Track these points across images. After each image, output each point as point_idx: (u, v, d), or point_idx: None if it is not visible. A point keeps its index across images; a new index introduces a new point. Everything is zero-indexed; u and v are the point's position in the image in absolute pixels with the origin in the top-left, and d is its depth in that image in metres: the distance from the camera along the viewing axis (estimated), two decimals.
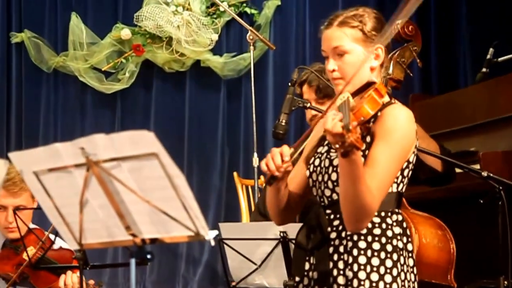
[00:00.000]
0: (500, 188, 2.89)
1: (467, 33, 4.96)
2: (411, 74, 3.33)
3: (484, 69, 4.08)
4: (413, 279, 2.22)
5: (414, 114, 4.26)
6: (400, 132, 2.15)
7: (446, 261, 3.02)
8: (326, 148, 2.26)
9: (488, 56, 4.09)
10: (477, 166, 3.46)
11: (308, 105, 3.00)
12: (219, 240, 2.85)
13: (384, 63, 2.27)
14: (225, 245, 2.86)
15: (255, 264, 2.84)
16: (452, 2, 5.09)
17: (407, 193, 2.35)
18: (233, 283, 2.94)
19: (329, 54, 2.24)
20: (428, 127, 4.20)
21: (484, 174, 2.90)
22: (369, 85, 2.20)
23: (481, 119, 3.96)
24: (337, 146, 1.95)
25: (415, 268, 2.23)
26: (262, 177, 2.02)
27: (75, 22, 5.25)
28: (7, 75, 5.28)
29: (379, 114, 2.17)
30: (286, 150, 2.13)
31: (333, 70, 2.23)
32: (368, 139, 2.17)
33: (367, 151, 2.15)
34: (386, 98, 2.22)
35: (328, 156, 2.22)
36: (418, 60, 3.34)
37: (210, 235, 1.87)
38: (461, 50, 5.01)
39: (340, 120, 1.94)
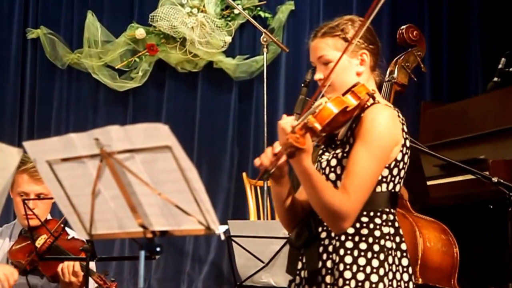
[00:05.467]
0: (510, 194, 2.89)
1: (479, 42, 4.97)
2: (415, 79, 3.35)
3: (495, 79, 4.09)
4: (406, 279, 2.22)
5: (425, 121, 4.29)
6: (378, 131, 2.16)
7: (449, 265, 3.02)
8: (320, 152, 2.31)
9: (500, 66, 4.09)
10: (486, 174, 3.47)
11: None
12: (228, 237, 2.86)
13: (374, 67, 2.31)
14: (233, 242, 2.87)
15: (263, 262, 2.85)
16: (465, 11, 5.09)
17: None
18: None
19: (316, 64, 2.30)
20: (439, 134, 4.22)
21: (495, 180, 2.90)
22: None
23: (491, 128, 3.96)
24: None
25: (410, 268, 2.24)
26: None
27: (91, 20, 5.30)
28: (22, 70, 5.34)
29: (362, 115, 2.20)
30: (277, 144, 2.15)
31: (320, 79, 2.28)
32: (351, 140, 2.20)
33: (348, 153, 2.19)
34: (370, 101, 2.23)
35: (319, 159, 2.28)
36: (422, 65, 3.37)
37: (220, 229, 1.89)
38: (473, 58, 5.02)
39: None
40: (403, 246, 2.24)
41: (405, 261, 2.23)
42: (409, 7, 5.21)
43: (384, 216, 2.22)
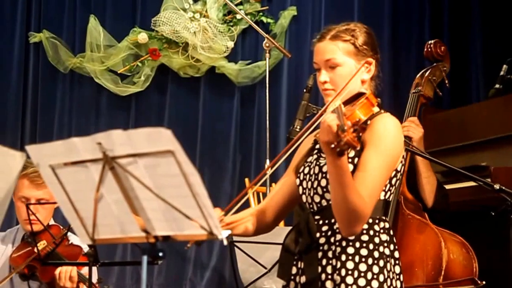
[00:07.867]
0: None
1: (481, 49, 4.97)
2: (440, 94, 3.41)
3: (497, 85, 4.09)
4: (398, 286, 2.25)
5: (426, 127, 4.34)
6: (390, 139, 2.20)
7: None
8: (315, 156, 2.32)
9: (502, 73, 4.09)
10: (488, 181, 3.47)
11: None
12: (230, 242, 2.86)
13: (375, 77, 2.34)
14: (235, 248, 2.87)
15: (265, 268, 2.86)
16: (466, 18, 5.10)
17: None
18: None
19: (321, 66, 2.31)
20: (439, 141, 4.22)
21: (497, 186, 2.91)
22: (359, 95, 2.26)
23: (493, 135, 3.96)
24: (332, 146, 1.96)
25: (401, 276, 2.27)
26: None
27: (93, 25, 5.31)
28: (24, 74, 5.34)
29: (369, 122, 2.22)
30: (217, 213, 2.21)
31: (325, 82, 2.30)
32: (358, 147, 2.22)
33: (356, 159, 2.20)
34: (376, 108, 2.27)
35: (318, 163, 2.28)
36: (446, 81, 3.42)
37: (223, 234, 1.89)
38: (474, 65, 5.01)
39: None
40: (396, 254, 2.27)
41: (397, 269, 2.27)
42: (411, 7, 5.21)
43: (382, 224, 2.26)
